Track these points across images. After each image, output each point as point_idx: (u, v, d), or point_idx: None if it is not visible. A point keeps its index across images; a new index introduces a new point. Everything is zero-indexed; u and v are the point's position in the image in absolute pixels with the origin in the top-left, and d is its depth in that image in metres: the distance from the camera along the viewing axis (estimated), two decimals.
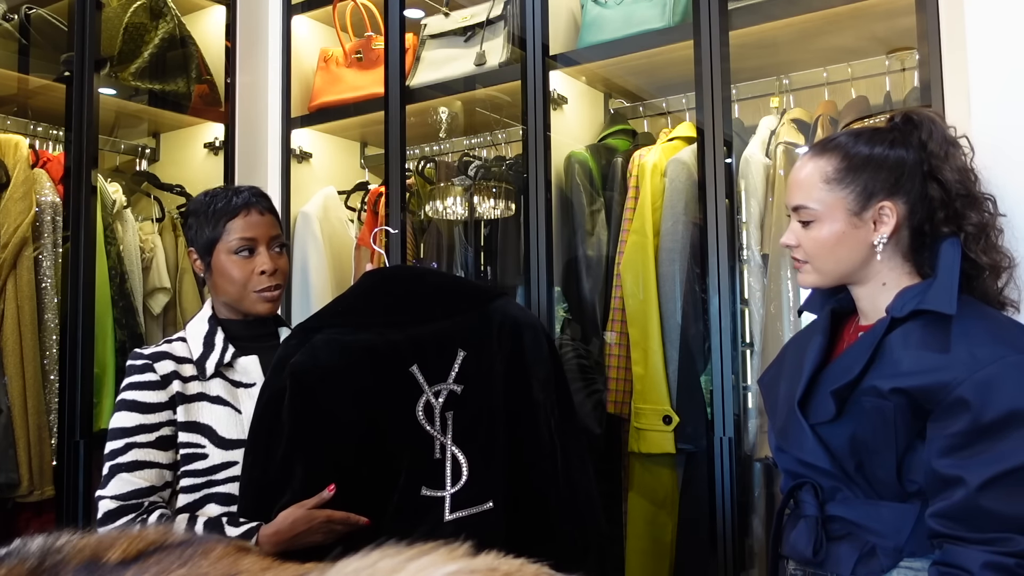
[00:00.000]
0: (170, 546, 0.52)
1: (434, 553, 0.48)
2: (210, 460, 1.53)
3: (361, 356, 1.54)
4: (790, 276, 2.01)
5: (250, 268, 1.60)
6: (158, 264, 2.67)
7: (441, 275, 1.83)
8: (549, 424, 1.62)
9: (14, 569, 0.49)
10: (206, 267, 1.64)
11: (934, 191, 1.24)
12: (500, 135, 2.65)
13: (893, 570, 1.18)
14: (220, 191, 1.66)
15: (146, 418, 1.52)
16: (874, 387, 1.18)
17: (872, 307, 1.29)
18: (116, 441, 1.51)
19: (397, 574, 0.46)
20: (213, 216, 1.61)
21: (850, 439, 1.20)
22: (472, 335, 1.61)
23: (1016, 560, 1.05)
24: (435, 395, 1.57)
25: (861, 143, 1.28)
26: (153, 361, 1.56)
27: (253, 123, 2.82)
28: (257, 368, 1.62)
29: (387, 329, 1.58)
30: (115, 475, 1.48)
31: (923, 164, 1.25)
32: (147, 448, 1.51)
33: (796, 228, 1.31)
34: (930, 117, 1.28)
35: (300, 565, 0.53)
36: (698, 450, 2.08)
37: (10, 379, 2.25)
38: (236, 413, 1.57)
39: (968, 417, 1.10)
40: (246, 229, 1.60)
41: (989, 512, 1.07)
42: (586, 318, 2.28)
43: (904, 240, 1.27)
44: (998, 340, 1.14)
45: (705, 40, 2.03)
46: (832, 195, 1.26)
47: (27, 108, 2.59)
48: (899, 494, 1.19)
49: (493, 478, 1.55)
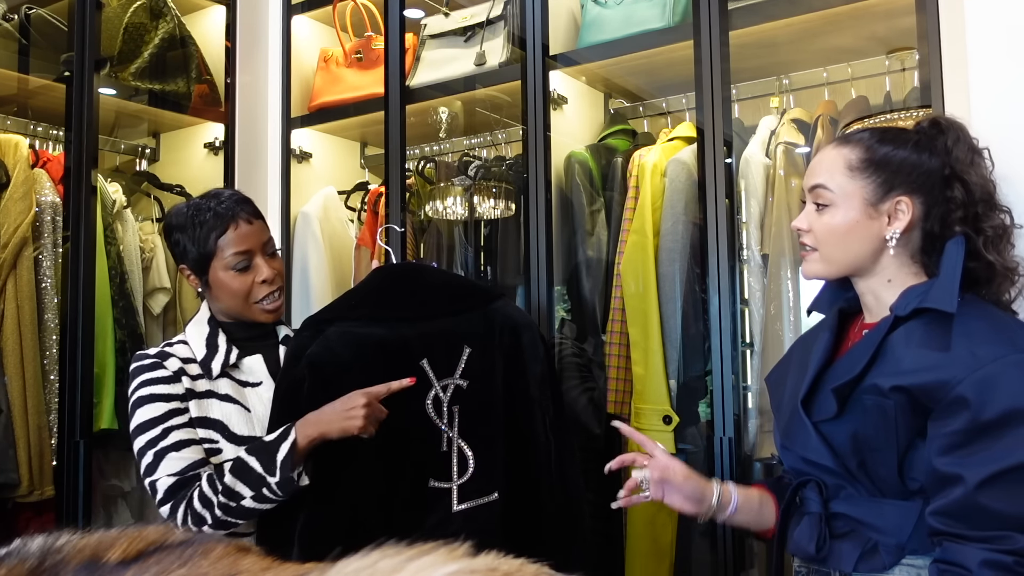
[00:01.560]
0: (170, 546, 0.51)
1: (434, 553, 0.48)
2: (224, 455, 1.54)
3: (374, 349, 1.59)
4: (790, 276, 2.01)
5: (249, 280, 1.58)
6: (158, 264, 2.67)
7: (447, 274, 1.90)
8: (544, 420, 1.69)
9: (14, 569, 0.49)
10: (203, 283, 1.62)
11: (957, 192, 1.24)
12: (500, 135, 2.65)
13: (895, 567, 1.18)
14: (200, 202, 1.60)
15: (172, 405, 1.52)
16: (875, 385, 1.18)
17: (876, 304, 1.29)
18: (151, 431, 1.50)
19: (397, 574, 0.46)
20: (202, 232, 1.56)
21: (852, 437, 1.21)
22: (476, 333, 1.67)
23: (1015, 558, 1.05)
24: (443, 389, 1.62)
25: (887, 140, 1.28)
26: (161, 359, 1.56)
27: (253, 123, 2.82)
28: (262, 367, 1.63)
29: (398, 323, 1.63)
30: (163, 457, 1.48)
31: (945, 168, 1.25)
32: (184, 428, 1.52)
33: (810, 211, 1.30)
34: (958, 125, 1.29)
35: (300, 565, 0.53)
36: (698, 450, 2.08)
37: (10, 379, 2.25)
38: (245, 411, 1.58)
39: (967, 415, 1.10)
40: (239, 242, 1.57)
41: (988, 510, 1.08)
42: (586, 318, 2.28)
43: (915, 241, 1.27)
44: (999, 339, 1.14)
45: (705, 40, 2.03)
46: (852, 183, 1.26)
47: (27, 108, 2.59)
48: (901, 492, 1.20)
49: (496, 470, 1.61)
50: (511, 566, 0.49)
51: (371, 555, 0.48)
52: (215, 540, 0.53)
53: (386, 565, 0.47)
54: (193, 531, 0.67)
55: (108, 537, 0.52)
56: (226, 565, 0.51)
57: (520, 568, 0.49)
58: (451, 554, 0.48)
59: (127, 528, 0.53)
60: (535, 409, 1.68)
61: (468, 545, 0.49)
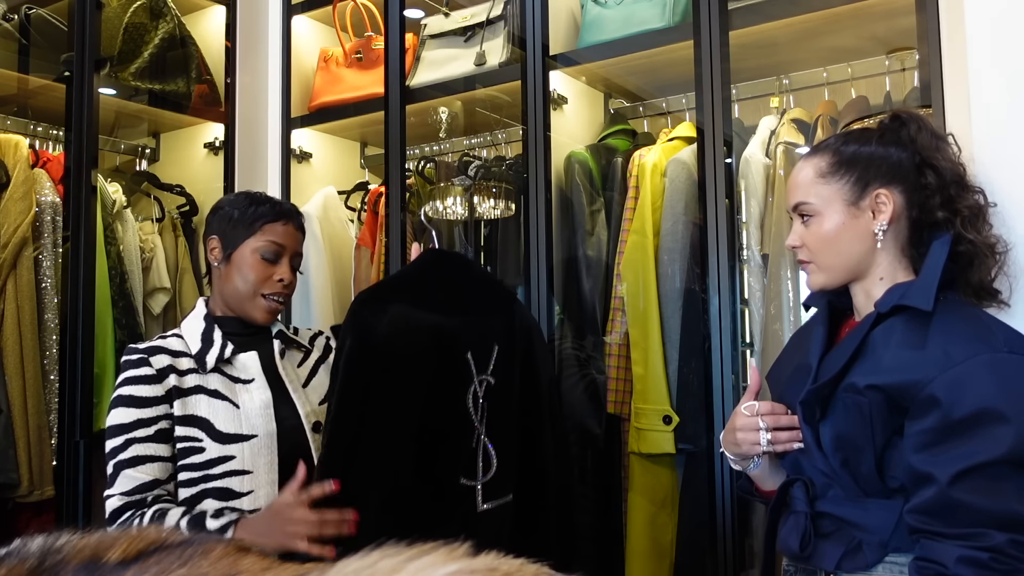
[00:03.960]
0: (170, 546, 0.52)
1: (434, 553, 0.48)
2: (207, 454, 1.54)
3: (429, 335, 1.57)
4: (790, 276, 2.01)
5: (269, 273, 1.63)
6: (158, 264, 2.67)
7: (482, 270, 1.89)
8: (551, 423, 1.71)
9: (14, 569, 0.49)
10: (224, 257, 1.64)
11: (929, 177, 1.28)
12: (500, 135, 2.65)
13: (879, 565, 1.20)
14: (263, 196, 1.70)
15: (143, 412, 1.52)
16: (853, 384, 1.21)
17: (866, 301, 1.31)
18: (116, 438, 1.51)
19: (397, 574, 0.46)
20: (252, 216, 1.64)
21: (835, 436, 1.23)
22: (503, 332, 1.67)
23: (990, 554, 1.07)
24: (479, 384, 1.61)
25: (851, 140, 1.32)
26: (148, 355, 1.56)
27: (253, 123, 2.82)
28: (256, 364, 1.63)
29: (449, 313, 1.61)
30: (119, 472, 1.49)
31: (915, 157, 1.29)
32: (147, 442, 1.51)
33: (798, 228, 1.33)
34: (917, 116, 1.33)
35: (300, 565, 0.53)
36: (698, 450, 2.08)
37: (10, 379, 2.24)
38: (234, 408, 1.57)
39: (938, 414, 1.12)
40: (280, 236, 1.65)
41: (961, 507, 1.09)
42: (586, 318, 2.28)
43: (903, 232, 1.29)
44: (972, 338, 1.16)
45: (705, 40, 2.03)
46: (828, 188, 1.29)
47: (27, 108, 2.59)
48: (883, 491, 1.21)
49: (512, 471, 1.62)
50: (511, 566, 0.49)
51: (371, 555, 0.48)
52: (215, 540, 0.53)
53: (386, 565, 0.47)
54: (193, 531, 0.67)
55: (108, 537, 0.52)
56: (226, 565, 0.51)
57: (520, 568, 0.49)
58: (451, 554, 0.48)
59: (127, 528, 0.53)
60: (544, 412, 1.70)
61: (467, 545, 0.49)
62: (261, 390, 1.61)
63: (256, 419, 1.57)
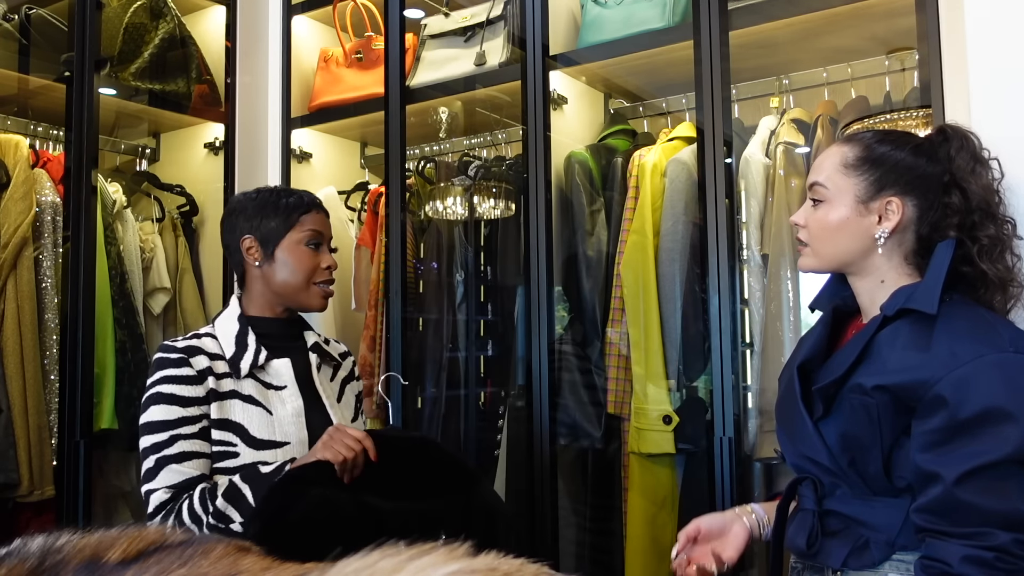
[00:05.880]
0: (170, 546, 0.52)
1: (434, 553, 0.48)
2: (241, 459, 1.52)
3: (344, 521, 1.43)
4: (790, 276, 2.01)
5: (316, 261, 1.64)
6: (158, 264, 2.67)
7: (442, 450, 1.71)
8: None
9: (14, 569, 0.49)
10: (265, 256, 1.63)
11: (955, 198, 1.26)
12: (500, 135, 2.65)
13: (885, 563, 1.21)
14: (283, 189, 1.71)
15: (187, 411, 1.51)
16: (859, 384, 1.21)
17: (870, 304, 1.31)
18: (159, 434, 1.49)
19: (397, 574, 0.46)
20: (284, 209, 1.64)
21: (841, 436, 1.23)
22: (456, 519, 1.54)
23: (995, 554, 1.07)
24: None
25: (887, 141, 1.31)
26: (188, 355, 1.54)
27: (253, 123, 2.82)
28: (289, 371, 1.61)
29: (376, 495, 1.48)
30: (164, 467, 1.48)
31: (946, 175, 1.27)
32: (192, 439, 1.50)
33: (807, 207, 1.34)
34: (964, 134, 1.30)
35: (300, 565, 0.53)
36: (698, 450, 2.08)
37: (10, 379, 2.24)
38: (268, 414, 1.56)
39: (945, 414, 1.13)
40: (319, 224, 1.66)
41: (967, 506, 1.10)
42: (586, 318, 2.28)
43: (908, 242, 1.28)
44: (978, 338, 1.16)
45: (705, 40, 2.03)
46: (845, 180, 1.29)
47: (27, 108, 2.59)
48: (890, 490, 1.22)
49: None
50: (511, 566, 0.49)
51: (371, 555, 0.48)
52: (215, 540, 0.53)
53: (386, 565, 0.47)
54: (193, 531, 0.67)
55: (108, 537, 0.52)
56: (226, 565, 0.51)
57: (520, 568, 0.49)
58: (451, 554, 0.48)
59: (127, 528, 0.53)
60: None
61: (468, 545, 0.49)
62: (293, 397, 1.60)
63: (289, 426, 1.56)
